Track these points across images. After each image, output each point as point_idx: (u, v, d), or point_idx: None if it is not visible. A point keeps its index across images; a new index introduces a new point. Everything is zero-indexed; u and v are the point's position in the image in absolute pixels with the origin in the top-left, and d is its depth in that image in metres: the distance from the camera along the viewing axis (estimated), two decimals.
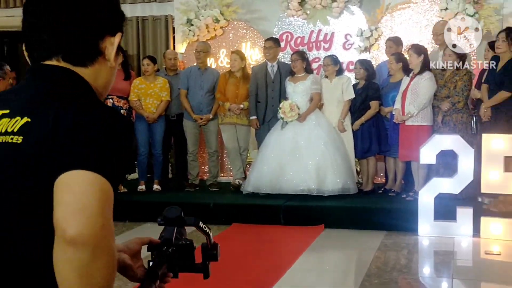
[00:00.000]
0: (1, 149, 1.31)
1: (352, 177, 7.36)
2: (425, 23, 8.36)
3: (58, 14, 1.39)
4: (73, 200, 1.19)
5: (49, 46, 1.40)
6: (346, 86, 7.42)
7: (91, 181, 1.21)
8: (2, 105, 1.38)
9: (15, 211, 1.29)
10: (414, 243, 6.08)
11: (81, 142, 1.24)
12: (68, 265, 1.18)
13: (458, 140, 6.20)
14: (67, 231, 1.17)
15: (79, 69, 1.42)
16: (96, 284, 1.20)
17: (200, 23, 9.01)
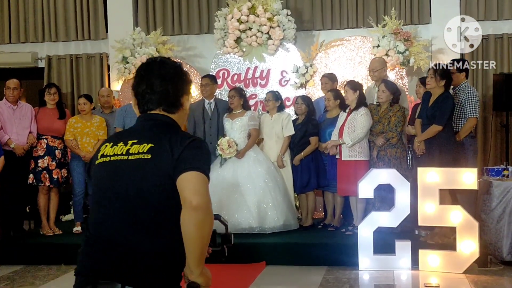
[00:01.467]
0: (139, 162, 2.29)
1: (293, 213, 7.39)
2: (358, 60, 8.58)
3: (161, 85, 2.41)
4: (192, 186, 2.18)
5: (155, 102, 2.42)
6: (286, 122, 7.49)
7: (199, 176, 2.21)
8: (130, 137, 2.38)
9: (155, 194, 2.25)
10: (355, 277, 6.11)
11: (190, 156, 2.25)
12: (191, 222, 2.15)
13: (395, 174, 6.31)
14: (192, 202, 2.15)
15: (171, 115, 2.45)
16: (205, 232, 2.17)
17: (135, 61, 8.96)
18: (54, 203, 7.67)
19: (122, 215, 2.26)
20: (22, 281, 6.38)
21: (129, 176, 2.28)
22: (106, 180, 2.33)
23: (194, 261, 2.19)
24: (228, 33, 8.74)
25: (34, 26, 10.06)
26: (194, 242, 2.16)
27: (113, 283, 2.20)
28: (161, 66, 2.44)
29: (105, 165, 2.36)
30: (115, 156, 2.34)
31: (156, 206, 2.25)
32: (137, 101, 2.46)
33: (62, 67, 9.95)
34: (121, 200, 2.27)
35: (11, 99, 7.50)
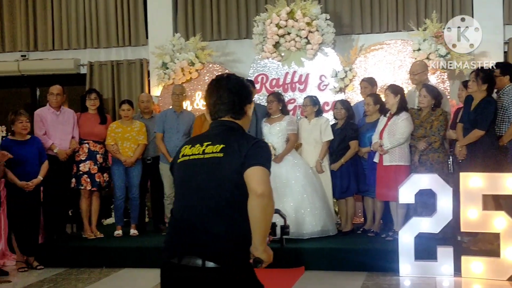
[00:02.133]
0: (213, 160, 2.76)
1: (331, 219, 7.34)
2: (398, 64, 8.51)
3: (228, 97, 2.89)
4: (257, 178, 2.65)
5: (224, 111, 2.90)
6: (325, 127, 7.45)
7: (262, 170, 2.67)
8: (205, 140, 2.85)
9: (227, 186, 2.71)
10: (395, 283, 6.04)
11: (255, 154, 2.71)
12: (257, 207, 2.61)
13: (436, 179, 6.22)
14: (258, 191, 2.62)
15: (237, 121, 2.92)
16: (268, 215, 2.64)
17: (175, 67, 9.05)
18: (95, 207, 7.78)
19: (201, 204, 2.73)
20: (65, 283, 6.48)
21: (205, 171, 2.76)
22: (186, 175, 2.83)
23: (259, 239, 2.65)
24: (267, 38, 8.75)
25: (76, 33, 10.24)
26: (259, 223, 2.63)
27: (195, 258, 2.68)
28: (228, 81, 2.93)
29: (185, 163, 2.85)
30: (193, 155, 2.82)
31: (228, 196, 2.71)
32: (209, 110, 2.96)
33: (103, 73, 10.11)
34: (200, 191, 2.75)
35: (54, 105, 7.64)
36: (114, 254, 7.22)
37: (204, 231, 2.69)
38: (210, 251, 2.67)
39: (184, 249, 2.71)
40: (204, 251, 2.67)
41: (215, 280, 2.67)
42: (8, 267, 7.12)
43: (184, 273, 2.70)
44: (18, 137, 6.92)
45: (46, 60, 10.29)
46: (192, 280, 2.69)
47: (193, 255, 2.68)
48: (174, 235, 2.80)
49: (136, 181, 7.88)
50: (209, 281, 2.67)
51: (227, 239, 2.68)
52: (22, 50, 10.42)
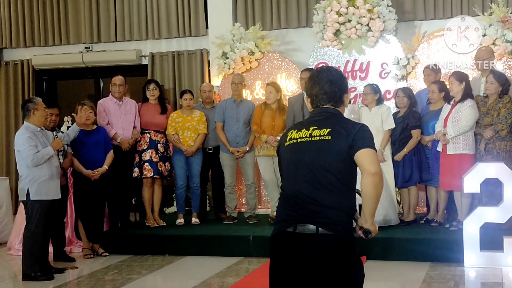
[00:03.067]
0: (321, 142, 3.03)
1: (394, 208, 7.24)
2: None
3: (330, 87, 3.14)
4: (370, 159, 2.95)
5: (326, 100, 3.14)
6: (386, 116, 7.33)
7: (372, 152, 2.98)
8: (310, 125, 3.11)
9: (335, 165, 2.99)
10: (460, 274, 5.93)
11: (364, 137, 3.00)
12: (371, 184, 2.92)
13: (503, 168, 6.06)
14: (371, 170, 2.92)
15: (337, 108, 3.17)
16: (379, 191, 2.94)
17: (235, 56, 9.07)
18: (157, 195, 7.90)
19: (311, 181, 3.02)
20: (129, 270, 6.63)
21: (314, 152, 3.03)
22: (296, 156, 3.10)
23: (370, 213, 2.98)
24: (327, 26, 8.65)
25: (138, 24, 10.39)
26: (371, 199, 2.94)
27: (309, 225, 2.98)
28: (329, 73, 3.20)
29: (293, 145, 3.13)
30: (301, 138, 3.10)
31: (336, 173, 2.99)
32: (311, 99, 3.22)
33: (164, 63, 10.23)
34: (310, 170, 3.02)
35: (117, 95, 7.79)
36: (176, 242, 7.33)
37: (316, 203, 2.98)
38: (322, 220, 2.96)
39: (299, 219, 3.01)
40: (318, 220, 2.97)
41: (327, 244, 2.96)
42: (75, 254, 7.33)
43: (299, 240, 3.00)
44: (84, 127, 7.09)
45: (109, 52, 10.49)
46: (307, 244, 2.98)
47: (307, 223, 2.99)
48: (287, 208, 3.09)
49: (197, 171, 7.96)
50: (321, 245, 2.96)
51: (337, 210, 2.97)
52: (86, 42, 10.63)
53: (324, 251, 2.96)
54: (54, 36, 10.74)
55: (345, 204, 3.02)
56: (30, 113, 6.24)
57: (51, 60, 10.70)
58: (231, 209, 8.08)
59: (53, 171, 6.28)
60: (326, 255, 2.96)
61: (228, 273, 6.30)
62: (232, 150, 7.88)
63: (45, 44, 10.80)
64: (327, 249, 2.97)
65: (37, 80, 11.01)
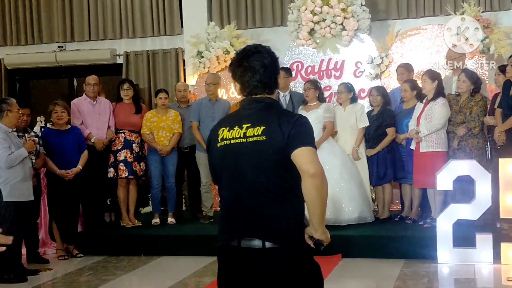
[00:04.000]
0: (257, 144, 2.69)
1: (369, 206, 7.30)
2: (435, 49, 8.36)
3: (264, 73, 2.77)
4: (307, 158, 2.61)
5: (261, 87, 2.80)
6: (360, 114, 7.39)
7: (310, 150, 2.63)
8: (243, 121, 2.76)
9: (274, 169, 2.67)
10: (434, 271, 5.99)
11: (299, 133, 2.65)
12: (312, 187, 2.58)
13: (475, 165, 6.14)
14: (310, 171, 2.58)
15: (272, 95, 2.84)
16: (324, 194, 2.61)
17: (210, 55, 9.06)
18: (132, 195, 7.86)
19: (251, 190, 2.71)
20: (104, 271, 6.59)
21: (250, 157, 2.71)
22: (231, 161, 2.77)
23: (317, 221, 2.66)
24: (302, 25, 8.69)
25: (112, 23, 10.33)
26: (316, 204, 2.62)
27: (253, 240, 2.70)
28: (261, 56, 2.79)
29: (227, 149, 2.78)
30: (234, 139, 2.75)
31: (277, 179, 2.69)
32: (241, 87, 2.84)
33: (139, 63, 10.18)
34: (248, 177, 2.71)
35: (90, 95, 7.74)
36: (152, 242, 7.31)
37: (260, 214, 2.69)
38: (268, 232, 2.68)
39: (243, 233, 2.73)
40: (263, 233, 2.69)
41: (275, 259, 2.68)
42: (49, 255, 7.26)
43: (246, 255, 2.72)
44: (57, 127, 7.02)
45: (82, 51, 10.41)
46: (253, 260, 2.70)
47: (252, 237, 2.70)
48: (230, 219, 2.81)
49: (172, 170, 7.94)
50: (271, 260, 2.68)
51: (283, 220, 2.68)
52: (59, 41, 10.54)
53: (274, 266, 2.68)
54: (27, 35, 10.64)
55: (292, 211, 2.70)
56: (3, 114, 6.18)
57: (23, 60, 10.60)
58: (207, 208, 8.07)
59: (26, 172, 6.23)
60: (277, 270, 2.69)
61: (204, 273, 6.29)
62: None
63: (18, 43, 10.69)
64: (278, 264, 2.68)
65: (9, 80, 10.90)
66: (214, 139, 2.84)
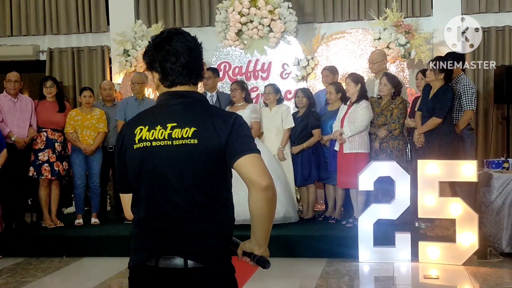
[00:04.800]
0: (186, 147, 2.31)
1: (293, 206, 7.39)
2: (359, 52, 8.57)
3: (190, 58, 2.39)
4: (256, 169, 2.29)
5: (186, 76, 2.39)
6: (286, 115, 7.49)
7: (257, 158, 2.31)
8: (167, 119, 2.35)
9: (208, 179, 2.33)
10: (355, 269, 6.13)
11: (241, 138, 2.31)
12: (263, 201, 2.29)
13: (395, 167, 6.32)
14: (262, 184, 2.27)
15: (195, 87, 2.45)
16: (273, 208, 2.33)
17: (137, 54, 8.97)
18: (55, 195, 7.69)
19: (177, 200, 2.34)
20: (24, 273, 6.42)
21: (178, 163, 2.33)
22: (152, 166, 2.36)
23: (264, 237, 2.38)
24: (229, 25, 8.73)
25: (35, 19, 10.07)
26: (265, 219, 2.34)
27: (176, 258, 2.35)
28: (184, 38, 2.41)
29: (147, 151, 2.37)
30: (157, 141, 2.35)
31: (208, 190, 2.35)
32: (162, 75, 2.41)
33: (63, 60, 9.97)
34: (174, 187, 2.34)
35: (11, 92, 7.52)
36: (75, 243, 7.16)
37: (185, 230, 2.35)
38: (192, 250, 2.35)
39: (162, 250, 2.36)
40: (186, 251, 2.35)
41: (198, 280, 2.36)
42: None
43: (164, 276, 2.36)
44: None
45: (4, 47, 10.10)
46: (173, 282, 2.36)
47: (173, 256, 2.35)
48: (146, 235, 2.40)
49: (97, 170, 7.81)
50: (192, 282, 2.36)
51: (211, 236, 2.36)
52: None
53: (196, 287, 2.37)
54: None
55: (220, 227, 2.40)
56: None
57: None
58: None
59: None
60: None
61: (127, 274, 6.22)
62: None
63: None
64: (201, 286, 2.37)
65: None
66: (129, 139, 2.41)
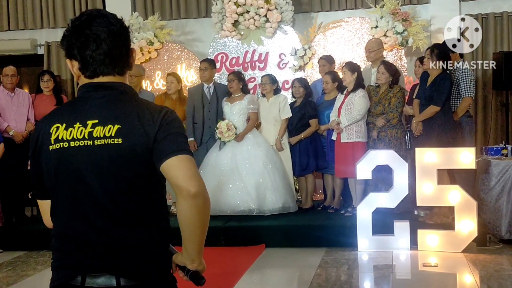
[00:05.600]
0: (109, 148, 1.98)
1: (292, 195, 7.40)
2: (356, 41, 8.54)
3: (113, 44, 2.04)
4: (185, 173, 1.95)
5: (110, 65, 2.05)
6: (283, 105, 7.48)
7: (187, 160, 1.99)
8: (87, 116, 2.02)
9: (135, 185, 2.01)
10: (354, 258, 6.14)
11: (171, 136, 2.00)
12: (193, 210, 1.95)
13: (393, 155, 6.31)
14: (191, 190, 1.93)
15: (121, 77, 2.11)
16: (207, 218, 2.01)
17: (134, 46, 8.93)
18: None
19: (102, 209, 2.01)
20: (24, 266, 6.43)
21: (101, 166, 2.00)
22: (71, 170, 2.03)
23: (197, 249, 2.05)
24: (226, 16, 8.70)
25: (32, 12, 10.04)
26: (197, 230, 2.01)
27: (106, 276, 2.04)
28: (107, 21, 2.05)
29: (64, 153, 2.02)
30: (75, 141, 2.00)
31: (136, 196, 2.03)
32: (82, 63, 2.06)
33: (61, 53, 9.90)
34: (98, 193, 2.01)
35: (8, 86, 7.52)
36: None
37: (114, 243, 2.03)
38: (124, 266, 2.04)
39: (88, 267, 2.04)
40: (116, 266, 2.03)
41: None
42: None
43: None
44: None
45: (1, 41, 10.08)
46: None
47: (101, 273, 2.03)
48: (69, 250, 2.07)
49: None
50: None
51: (143, 251, 2.05)
52: None
53: None
54: None
55: (155, 239, 2.08)
56: None
57: None
58: None
59: None
60: None
61: None
62: None
63: None
64: None
65: None
66: (44, 138, 2.09)
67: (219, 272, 5.78)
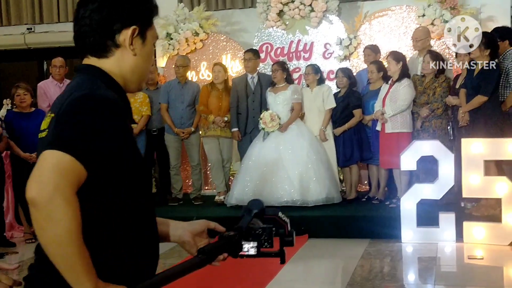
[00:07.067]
0: (40, 143, 1.62)
1: (336, 186, 7.36)
2: (403, 30, 8.40)
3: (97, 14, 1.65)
4: (36, 172, 1.47)
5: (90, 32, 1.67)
6: (327, 95, 7.43)
7: (51, 156, 1.47)
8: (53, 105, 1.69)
9: None
10: (397, 250, 6.07)
11: (59, 125, 1.54)
12: (34, 221, 1.48)
13: (438, 146, 6.20)
14: (27, 194, 1.46)
15: (106, 60, 1.69)
16: (50, 238, 1.46)
17: (179, 37, 9.01)
18: None
19: None
20: None
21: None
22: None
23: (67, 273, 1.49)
24: (271, 6, 8.67)
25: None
26: (47, 248, 1.48)
27: None
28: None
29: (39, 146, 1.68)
30: (41, 132, 1.67)
31: None
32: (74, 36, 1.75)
33: None
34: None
35: (57, 77, 7.70)
36: None
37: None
38: None
39: None
40: None
41: None
42: (16, 239, 7.24)
43: None
44: (20, 110, 6.97)
45: (52, 33, 10.30)
46: None
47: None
48: None
49: (141, 152, 7.90)
50: None
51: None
52: (28, 23, 10.41)
53: None
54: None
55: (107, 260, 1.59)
56: None
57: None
58: (176, 191, 8.09)
59: None
60: None
61: (170, 254, 6.31)
62: (177, 131, 7.88)
63: None
64: None
65: None
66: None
67: (262, 261, 5.78)
